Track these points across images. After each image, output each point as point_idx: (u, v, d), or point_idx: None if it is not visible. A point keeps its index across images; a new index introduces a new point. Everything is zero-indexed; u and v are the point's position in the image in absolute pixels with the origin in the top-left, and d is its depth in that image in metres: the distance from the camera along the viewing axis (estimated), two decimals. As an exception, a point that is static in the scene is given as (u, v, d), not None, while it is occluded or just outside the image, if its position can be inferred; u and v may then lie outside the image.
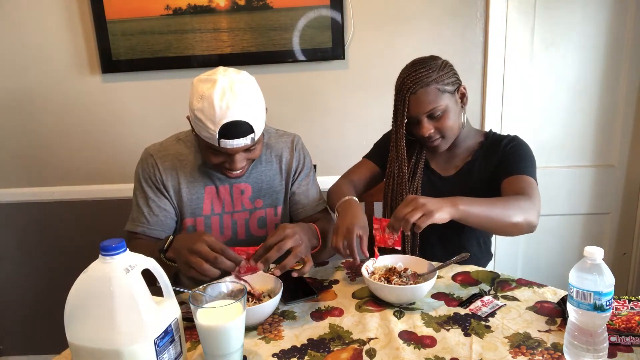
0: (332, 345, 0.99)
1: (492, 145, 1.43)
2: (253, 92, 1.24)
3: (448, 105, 1.32)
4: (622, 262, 2.22)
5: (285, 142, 1.47)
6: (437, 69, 1.32)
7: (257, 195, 1.43)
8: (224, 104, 1.17)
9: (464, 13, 1.95)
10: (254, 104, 1.22)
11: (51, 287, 2.27)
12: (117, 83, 2.05)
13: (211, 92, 1.18)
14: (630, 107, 2.04)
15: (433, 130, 1.34)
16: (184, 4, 1.92)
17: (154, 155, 1.38)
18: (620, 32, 1.97)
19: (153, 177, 1.37)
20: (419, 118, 1.33)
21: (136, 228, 1.36)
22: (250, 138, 1.22)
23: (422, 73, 1.30)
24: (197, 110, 1.20)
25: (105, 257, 0.80)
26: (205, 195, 1.39)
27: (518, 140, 1.42)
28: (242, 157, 1.28)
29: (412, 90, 1.30)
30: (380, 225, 1.24)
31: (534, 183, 1.30)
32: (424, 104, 1.30)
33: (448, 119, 1.33)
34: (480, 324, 1.03)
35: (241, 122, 1.19)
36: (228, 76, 1.22)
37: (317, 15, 1.92)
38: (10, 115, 2.10)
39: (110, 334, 0.78)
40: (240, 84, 1.21)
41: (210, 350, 0.90)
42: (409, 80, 1.31)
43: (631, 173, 2.11)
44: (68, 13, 1.98)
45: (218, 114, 1.17)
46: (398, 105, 1.35)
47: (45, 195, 2.17)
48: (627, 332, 0.92)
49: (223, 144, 1.20)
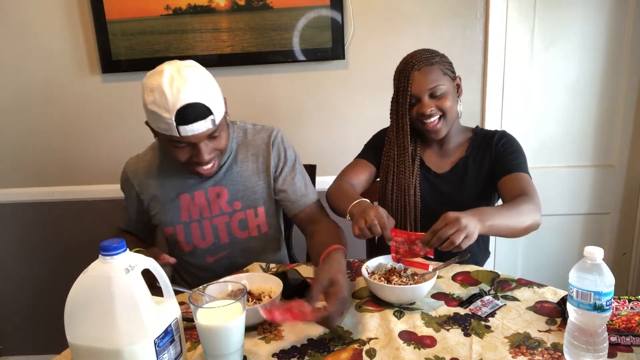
0: (332, 345, 0.99)
1: (482, 141, 1.45)
2: (203, 75, 1.21)
3: (448, 88, 1.37)
4: (622, 262, 2.22)
5: (262, 138, 1.41)
6: (439, 55, 1.39)
7: (234, 197, 1.39)
8: (174, 88, 1.14)
9: (464, 13, 1.95)
10: (206, 85, 1.19)
11: (51, 287, 2.27)
12: (117, 83, 2.05)
13: (160, 82, 1.14)
14: (630, 107, 2.04)
15: (434, 107, 1.36)
16: (184, 4, 1.92)
17: (128, 171, 1.43)
18: (620, 32, 1.97)
19: (128, 192, 1.45)
20: (421, 96, 1.35)
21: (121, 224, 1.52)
22: (210, 120, 1.18)
23: (426, 55, 1.36)
24: (150, 103, 1.16)
25: (105, 257, 0.80)
26: (180, 203, 1.38)
27: (508, 136, 1.44)
28: (207, 147, 1.23)
29: (417, 67, 1.34)
30: (402, 236, 1.16)
31: (530, 180, 1.34)
32: (427, 81, 1.34)
33: (448, 100, 1.36)
34: (480, 324, 1.03)
35: (196, 104, 1.15)
36: (174, 64, 1.19)
37: (317, 15, 1.92)
38: (11, 115, 2.10)
39: (110, 334, 0.78)
40: (188, 68, 1.19)
41: (210, 350, 0.90)
42: (414, 59, 1.36)
43: (631, 173, 2.11)
44: (68, 13, 1.98)
45: (170, 101, 1.13)
46: (400, 84, 1.38)
47: (45, 195, 2.17)
48: (627, 332, 0.92)
49: (183, 131, 1.16)
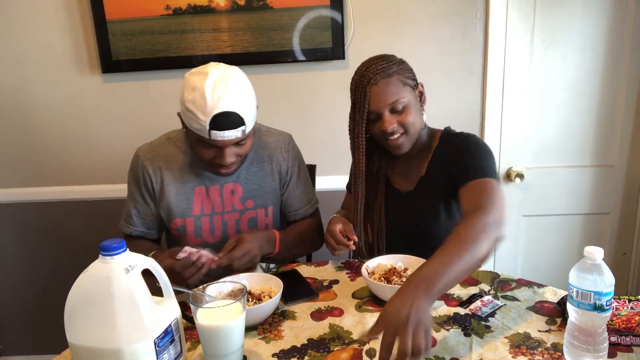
0: (332, 345, 0.99)
1: (444, 150, 1.33)
2: (244, 85, 1.25)
3: (410, 100, 1.25)
4: (622, 262, 2.22)
5: (277, 142, 1.46)
6: (397, 62, 1.26)
7: (247, 195, 1.42)
8: (215, 95, 1.18)
9: (464, 13, 1.95)
10: (244, 96, 1.23)
11: (51, 287, 2.28)
12: (117, 83, 2.05)
13: (203, 84, 1.19)
14: (630, 107, 2.04)
15: (396, 124, 1.25)
16: (184, 4, 1.92)
17: (142, 156, 1.40)
18: (620, 32, 1.96)
19: (141, 179, 1.39)
20: (381, 112, 1.24)
21: (124, 228, 1.45)
22: (241, 130, 1.23)
23: (382, 65, 1.24)
24: (189, 102, 1.20)
25: (105, 257, 0.80)
26: (194, 196, 1.39)
27: (470, 139, 1.30)
28: (232, 151, 1.27)
29: (374, 81, 1.22)
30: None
31: (492, 183, 1.16)
32: (386, 95, 1.22)
33: (410, 114, 1.25)
34: (480, 324, 1.03)
35: (232, 113, 1.19)
36: (220, 69, 1.23)
37: (317, 15, 1.92)
38: (11, 115, 2.10)
39: (110, 334, 0.78)
40: (232, 77, 1.23)
41: (210, 350, 0.90)
42: (370, 72, 1.23)
43: (631, 173, 2.11)
44: (68, 13, 1.98)
45: (209, 105, 1.17)
46: (357, 99, 1.25)
47: (45, 195, 2.17)
48: (627, 332, 0.92)
49: (213, 135, 1.20)
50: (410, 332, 0.82)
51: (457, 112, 2.03)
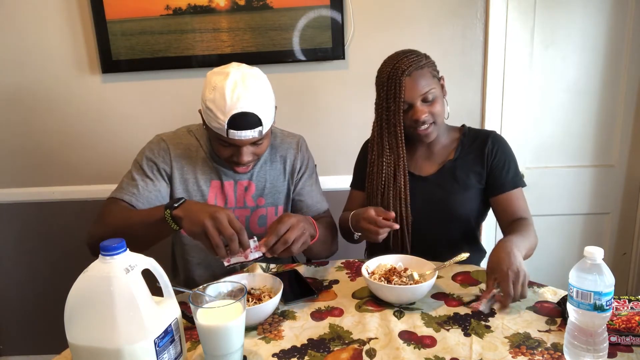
0: (332, 345, 0.99)
1: (472, 142, 1.43)
2: (264, 87, 1.27)
3: (438, 91, 1.34)
4: (622, 262, 2.22)
5: (290, 143, 1.50)
6: (424, 56, 1.35)
7: (260, 193, 1.44)
8: (235, 95, 1.20)
9: (464, 13, 1.95)
10: (264, 98, 1.25)
11: (51, 287, 2.27)
12: (117, 83, 2.05)
13: (223, 84, 1.21)
14: (630, 107, 2.04)
15: (427, 114, 1.32)
16: (184, 4, 1.92)
17: (167, 141, 1.40)
18: (620, 32, 1.97)
19: (162, 161, 1.37)
20: (414, 102, 1.31)
21: (124, 195, 1.31)
22: (258, 131, 1.25)
23: (414, 58, 1.32)
24: (209, 100, 1.23)
25: (105, 257, 0.80)
26: (210, 189, 1.41)
27: (501, 142, 1.42)
28: (248, 150, 1.30)
29: (408, 72, 1.29)
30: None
31: (523, 194, 1.41)
32: (419, 86, 1.30)
33: (438, 104, 1.33)
34: (480, 324, 1.03)
35: (250, 113, 1.22)
36: (241, 70, 1.26)
37: (317, 15, 1.92)
38: (11, 115, 2.10)
39: (110, 334, 0.78)
40: (252, 78, 1.25)
41: (210, 350, 0.90)
42: (403, 64, 1.30)
43: (631, 173, 2.11)
44: (68, 13, 1.98)
45: (228, 105, 1.20)
46: (391, 90, 1.31)
47: (45, 195, 2.17)
48: (627, 332, 0.92)
49: (231, 134, 1.23)
50: (521, 279, 1.05)
51: (457, 112, 2.02)
